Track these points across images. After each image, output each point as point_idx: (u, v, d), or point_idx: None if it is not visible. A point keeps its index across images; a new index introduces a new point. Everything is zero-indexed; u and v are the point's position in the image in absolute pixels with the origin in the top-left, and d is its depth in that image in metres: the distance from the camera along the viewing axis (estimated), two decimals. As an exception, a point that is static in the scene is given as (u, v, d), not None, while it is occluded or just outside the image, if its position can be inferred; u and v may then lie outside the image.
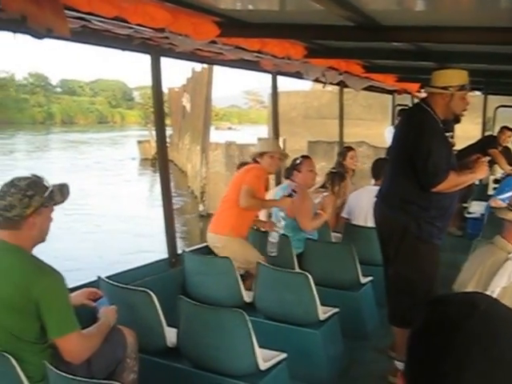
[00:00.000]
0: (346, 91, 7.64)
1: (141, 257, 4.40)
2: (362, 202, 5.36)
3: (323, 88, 6.54)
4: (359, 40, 3.62)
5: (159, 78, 3.94)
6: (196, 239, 13.00)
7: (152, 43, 3.59)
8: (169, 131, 37.51)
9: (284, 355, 3.06)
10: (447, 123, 3.78)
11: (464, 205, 7.24)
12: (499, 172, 8.07)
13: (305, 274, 3.55)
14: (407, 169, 3.43)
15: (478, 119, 9.49)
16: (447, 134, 3.77)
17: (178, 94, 34.43)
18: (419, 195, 3.43)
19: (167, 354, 3.08)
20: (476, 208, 7.52)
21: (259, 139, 19.21)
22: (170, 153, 33.94)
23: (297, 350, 3.31)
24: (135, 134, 56.02)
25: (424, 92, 8.78)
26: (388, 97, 9.67)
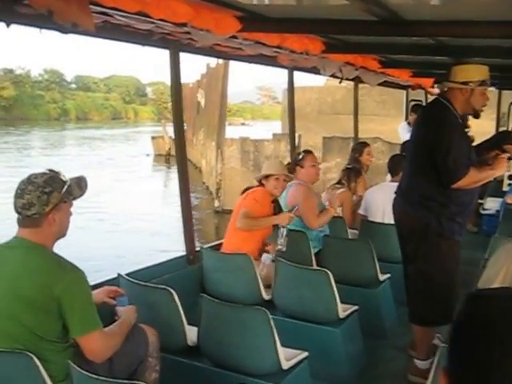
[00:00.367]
0: (361, 87, 7.57)
1: (161, 256, 4.35)
2: (379, 199, 5.31)
3: (340, 83, 6.46)
4: (381, 35, 3.55)
5: (178, 74, 3.91)
6: (211, 235, 12.99)
7: (171, 38, 3.57)
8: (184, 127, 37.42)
9: (305, 354, 3.03)
10: (463, 119, 3.73)
11: (480, 201, 7.17)
12: (514, 168, 7.96)
13: (325, 272, 3.51)
14: (427, 165, 3.39)
15: (493, 115, 9.37)
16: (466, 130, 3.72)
17: (192, 90, 34.41)
18: (439, 191, 3.39)
19: (187, 353, 3.05)
20: (491, 204, 7.45)
21: (274, 135, 19.18)
22: (183, 148, 33.97)
23: (316, 349, 3.27)
24: (148, 130, 56.21)
25: (438, 87, 8.74)
26: (402, 92, 9.58)
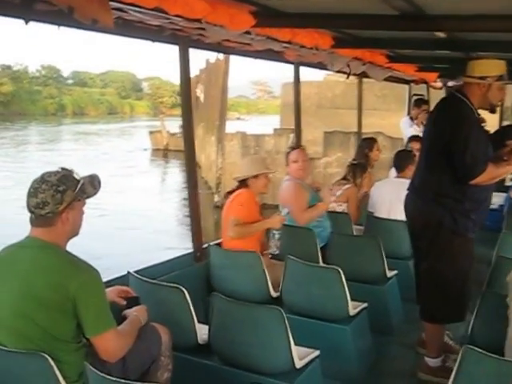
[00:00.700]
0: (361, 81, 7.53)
1: (167, 253, 4.32)
2: (385, 194, 5.27)
3: (347, 79, 6.43)
4: (401, 29, 3.51)
5: (187, 69, 3.90)
6: (210, 230, 12.95)
7: (181, 34, 3.55)
8: (180, 121, 37.39)
9: (317, 352, 3.00)
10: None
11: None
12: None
13: (336, 269, 3.48)
14: (442, 160, 3.34)
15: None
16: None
17: (191, 85, 34.34)
18: (454, 188, 3.35)
19: (198, 351, 3.02)
20: (494, 199, 7.41)
21: (275, 130, 19.02)
22: (182, 143, 33.94)
23: (326, 346, 3.22)
24: (144, 125, 56.32)
25: (441, 81, 8.77)
26: (402, 86, 9.53)
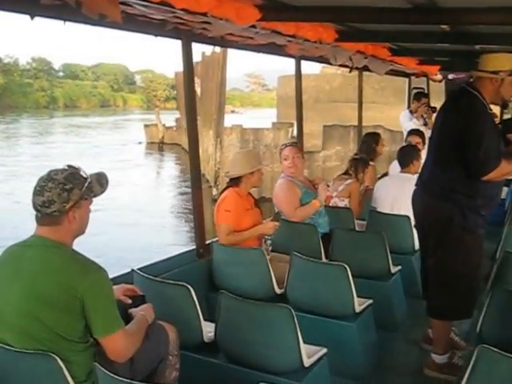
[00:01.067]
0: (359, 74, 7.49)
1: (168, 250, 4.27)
2: (389, 190, 5.25)
3: (350, 72, 6.40)
4: (413, 23, 3.46)
5: (190, 64, 3.84)
6: (207, 224, 12.88)
7: (184, 28, 3.49)
8: (176, 115, 37.48)
9: (325, 350, 2.96)
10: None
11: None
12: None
13: (343, 266, 3.44)
14: (453, 156, 3.30)
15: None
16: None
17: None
18: (466, 184, 3.31)
19: (204, 350, 2.98)
20: None
21: (273, 123, 18.94)
22: (178, 136, 34.13)
23: (332, 343, 3.17)
24: (138, 118, 56.27)
25: (440, 74, 8.74)
26: (401, 79, 9.49)
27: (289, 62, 5.79)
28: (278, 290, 3.79)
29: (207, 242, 4.17)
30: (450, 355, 3.59)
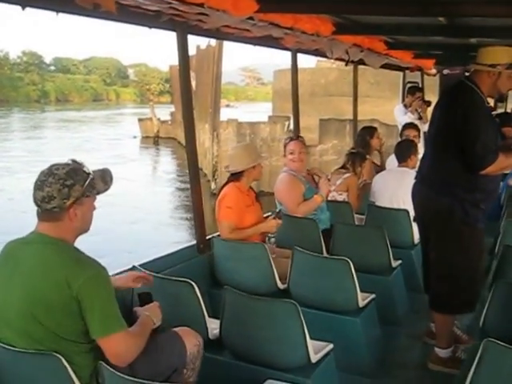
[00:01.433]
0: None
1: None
2: (387, 184, 5.24)
3: (346, 66, 6.36)
4: (411, 15, 3.43)
5: (186, 57, 3.79)
6: (206, 216, 12.85)
7: (179, 20, 3.44)
8: (170, 109, 37.32)
9: (331, 346, 2.94)
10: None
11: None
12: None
13: (346, 260, 3.42)
14: (452, 150, 3.28)
15: (490, 96, 9.32)
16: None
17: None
18: (465, 177, 3.29)
19: (209, 347, 2.90)
20: None
21: (270, 117, 18.87)
22: (173, 130, 33.99)
23: (336, 339, 3.15)
24: (131, 112, 56.04)
25: (435, 68, 8.72)
26: (396, 73, 9.45)
27: (284, 56, 5.76)
28: (281, 285, 3.76)
29: (208, 237, 4.13)
30: (454, 349, 3.58)
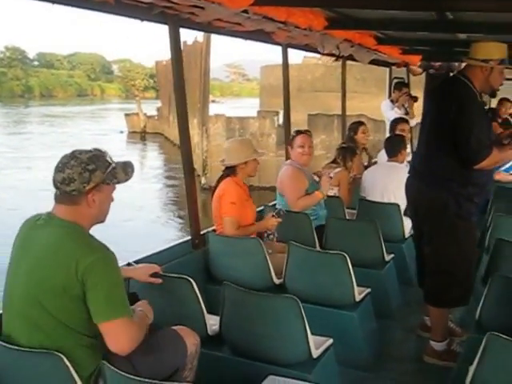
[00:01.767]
0: (340, 64, 7.47)
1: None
2: (378, 178, 5.26)
3: (336, 61, 6.36)
4: (404, 9, 3.43)
5: (178, 50, 3.75)
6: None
7: (171, 13, 3.41)
8: (157, 104, 37.17)
9: (331, 341, 2.94)
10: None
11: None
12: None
13: (343, 255, 3.42)
14: (446, 144, 3.29)
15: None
16: None
17: (167, 68, 34.56)
18: (459, 172, 3.31)
19: (209, 343, 2.88)
20: None
21: (259, 112, 18.79)
22: (160, 126, 33.91)
23: (333, 333, 3.13)
24: (116, 108, 55.73)
25: (422, 66, 8.74)
26: (382, 69, 9.48)
27: (270, 53, 5.74)
28: (277, 280, 3.76)
29: (202, 232, 4.11)
30: (449, 342, 3.61)
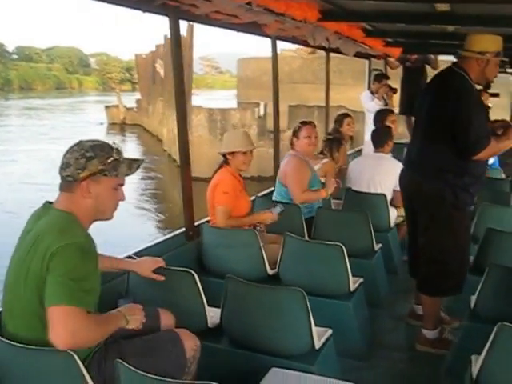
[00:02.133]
0: (317, 56, 7.51)
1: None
2: (365, 169, 5.29)
3: (309, 54, 6.40)
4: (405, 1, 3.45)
5: (178, 42, 3.79)
6: (178, 198, 12.87)
7: (172, 4, 3.42)
8: (136, 96, 37.07)
9: (330, 331, 2.94)
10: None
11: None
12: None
13: (339, 246, 3.44)
14: (443, 136, 3.31)
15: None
16: None
17: (146, 61, 34.65)
18: (455, 162, 3.33)
19: (210, 335, 2.88)
20: None
21: (239, 103, 18.63)
22: (139, 117, 33.84)
23: (329, 323, 3.12)
24: (94, 100, 55.49)
25: (401, 59, 8.81)
26: (359, 61, 9.53)
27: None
28: (271, 271, 3.77)
29: (196, 224, 4.11)
30: (440, 330, 3.65)
